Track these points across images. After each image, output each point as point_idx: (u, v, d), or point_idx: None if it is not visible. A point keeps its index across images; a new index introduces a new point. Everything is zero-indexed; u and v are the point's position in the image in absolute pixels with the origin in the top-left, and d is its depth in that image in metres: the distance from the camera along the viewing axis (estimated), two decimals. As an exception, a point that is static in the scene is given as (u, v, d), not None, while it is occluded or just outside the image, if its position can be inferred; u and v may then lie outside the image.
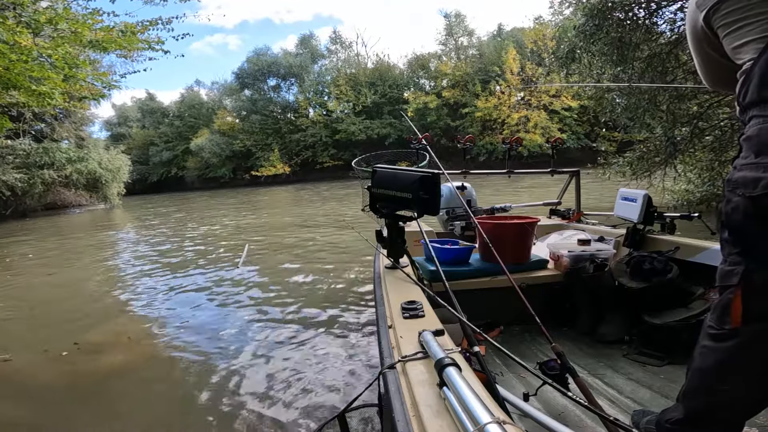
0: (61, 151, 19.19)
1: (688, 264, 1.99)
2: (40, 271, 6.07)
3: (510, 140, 3.31)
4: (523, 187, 13.23)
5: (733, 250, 0.96)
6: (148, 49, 6.72)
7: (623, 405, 1.56)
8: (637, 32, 5.44)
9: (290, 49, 38.70)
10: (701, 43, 1.11)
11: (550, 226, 3.12)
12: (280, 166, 34.28)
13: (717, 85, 1.24)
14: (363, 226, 4.02)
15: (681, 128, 5.87)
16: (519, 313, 1.50)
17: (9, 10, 5.03)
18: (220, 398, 2.17)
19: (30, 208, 18.62)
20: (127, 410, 2.19)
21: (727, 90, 1.24)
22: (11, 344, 3.19)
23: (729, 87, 1.06)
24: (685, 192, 6.74)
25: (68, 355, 2.90)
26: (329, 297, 3.75)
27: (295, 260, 5.47)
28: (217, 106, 40.07)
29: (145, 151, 39.99)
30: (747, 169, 0.91)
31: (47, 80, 5.77)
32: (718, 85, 1.23)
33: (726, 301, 0.96)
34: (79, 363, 2.79)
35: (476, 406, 0.61)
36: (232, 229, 9.37)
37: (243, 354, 2.70)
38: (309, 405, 2.02)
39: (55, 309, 4.17)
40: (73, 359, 2.84)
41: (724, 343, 0.97)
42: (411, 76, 35.34)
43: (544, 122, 27.09)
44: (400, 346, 0.96)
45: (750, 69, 0.94)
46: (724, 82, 1.14)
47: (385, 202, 1.69)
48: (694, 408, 1.05)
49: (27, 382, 2.57)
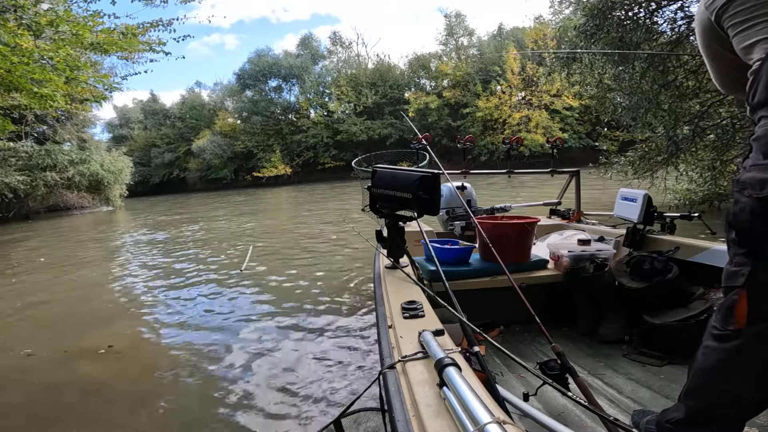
0: (63, 153, 19.25)
1: (688, 264, 1.99)
2: (46, 273, 6.09)
3: (510, 140, 3.31)
4: (525, 186, 13.21)
5: (740, 251, 0.95)
6: (149, 50, 6.74)
7: (623, 405, 1.56)
8: (637, 32, 5.44)
9: (291, 50, 38.80)
10: (712, 42, 1.10)
11: (550, 226, 3.11)
12: (282, 167, 34.29)
13: (730, 89, 1.22)
14: (363, 226, 4.03)
15: (683, 127, 5.87)
16: (519, 313, 1.50)
17: (10, 13, 5.05)
18: (219, 399, 2.18)
19: (32, 210, 18.65)
20: (125, 410, 2.19)
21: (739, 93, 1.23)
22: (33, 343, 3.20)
23: (741, 89, 1.05)
24: (686, 191, 6.73)
25: (68, 354, 2.92)
26: (330, 297, 3.75)
27: (297, 261, 5.47)
28: (218, 107, 40.14)
29: (147, 153, 40.04)
30: (755, 170, 0.91)
31: (49, 82, 5.79)
32: (731, 88, 1.21)
33: (731, 302, 0.95)
34: (79, 363, 2.81)
35: (476, 406, 0.61)
36: (236, 231, 9.37)
37: (242, 354, 2.71)
38: (306, 409, 2.01)
39: (61, 310, 4.19)
40: (73, 359, 2.86)
41: (728, 343, 0.97)
42: (412, 76, 35.33)
43: (546, 122, 27.05)
44: (400, 346, 0.96)
45: (759, 69, 0.94)
46: (736, 83, 1.12)
47: (385, 202, 1.70)
48: (696, 408, 1.04)
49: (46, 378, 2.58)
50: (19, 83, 5.52)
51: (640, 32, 5.43)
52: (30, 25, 5.03)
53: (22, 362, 2.90)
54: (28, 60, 5.23)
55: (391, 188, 1.66)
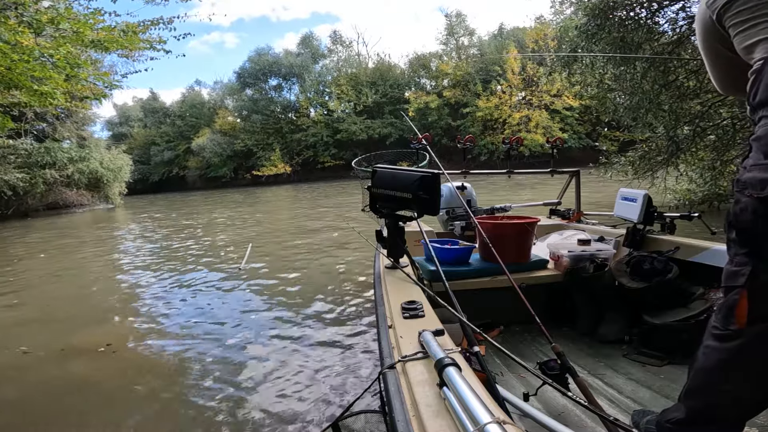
0: (62, 151, 19.25)
1: (688, 264, 1.99)
2: (44, 270, 6.09)
3: (510, 140, 3.31)
4: (525, 186, 13.21)
5: (740, 251, 0.95)
6: (150, 48, 6.74)
7: (623, 405, 1.56)
8: (638, 32, 5.43)
9: (291, 49, 38.80)
10: (712, 42, 1.10)
11: (550, 226, 3.11)
12: (282, 166, 34.32)
13: (729, 89, 1.22)
14: (363, 226, 4.03)
15: (683, 127, 5.87)
16: (519, 313, 1.50)
17: (11, 10, 5.05)
18: (216, 399, 2.17)
19: (31, 208, 18.66)
20: (122, 409, 2.19)
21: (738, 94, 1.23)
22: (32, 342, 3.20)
23: (740, 89, 1.05)
24: (687, 191, 6.73)
25: (64, 352, 2.92)
26: (329, 297, 3.75)
27: (296, 260, 5.47)
28: (218, 105, 40.14)
29: (147, 151, 40.07)
30: (756, 169, 0.91)
31: (49, 80, 5.79)
32: (730, 88, 1.21)
33: (731, 302, 0.95)
34: (76, 361, 2.81)
35: (476, 406, 0.61)
36: (235, 229, 9.37)
37: (240, 353, 2.70)
38: (306, 410, 2.00)
39: (59, 308, 4.18)
40: (70, 357, 2.86)
41: (728, 343, 0.97)
42: (412, 75, 35.35)
43: (546, 122, 27.06)
44: (400, 346, 0.96)
45: (760, 68, 0.94)
46: (735, 84, 1.12)
47: (385, 202, 1.69)
48: (696, 408, 1.05)
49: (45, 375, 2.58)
50: (20, 81, 5.52)
51: (642, 32, 5.43)
52: (31, 22, 5.03)
53: (18, 360, 2.89)
54: (29, 57, 5.23)
55: (391, 188, 1.66)
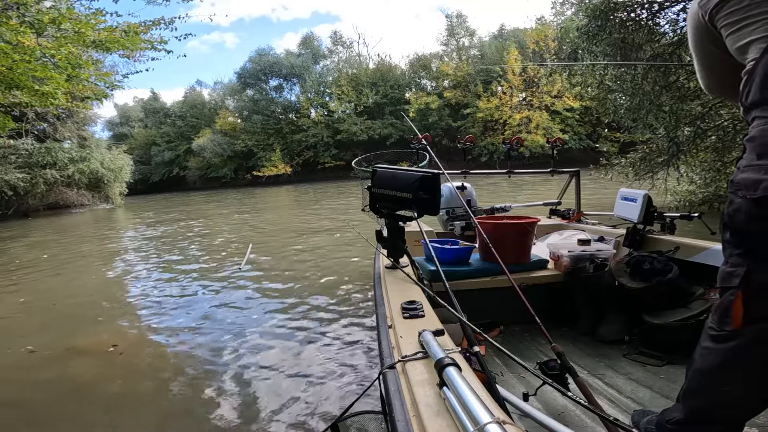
0: (63, 151, 19.26)
1: (688, 264, 1.99)
2: (48, 270, 6.09)
3: (510, 140, 3.31)
4: (525, 186, 13.21)
5: (735, 252, 0.95)
6: (151, 49, 6.76)
7: (623, 405, 1.56)
8: (639, 33, 5.44)
9: (292, 49, 38.83)
10: (704, 42, 1.10)
11: (550, 226, 3.12)
12: (282, 167, 34.31)
13: (714, 90, 1.22)
14: (363, 226, 4.03)
15: (684, 129, 5.87)
16: (519, 313, 1.50)
17: (12, 10, 5.05)
18: (217, 399, 2.17)
19: (32, 208, 18.66)
20: (127, 410, 2.20)
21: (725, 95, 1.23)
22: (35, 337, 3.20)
23: (729, 91, 1.05)
24: (687, 192, 6.74)
25: (69, 352, 2.92)
26: (329, 297, 3.75)
27: (296, 260, 5.47)
28: (218, 105, 40.16)
29: (147, 151, 40.07)
30: (749, 170, 0.91)
31: (50, 80, 5.80)
32: (717, 89, 1.21)
33: (727, 303, 0.96)
34: (81, 362, 2.81)
35: (476, 406, 0.61)
36: (235, 229, 9.38)
37: (240, 354, 2.70)
38: (306, 410, 2.00)
39: (63, 308, 4.19)
40: (75, 357, 2.86)
41: (725, 344, 0.97)
42: (412, 76, 35.34)
43: (546, 123, 27.06)
44: (400, 346, 0.96)
45: (752, 69, 0.94)
46: (722, 85, 1.12)
47: (385, 202, 1.69)
48: (695, 408, 1.05)
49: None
50: (21, 81, 5.53)
51: (642, 33, 5.44)
52: (32, 22, 5.04)
53: (23, 359, 2.90)
54: (30, 58, 5.24)
55: (391, 188, 1.66)
